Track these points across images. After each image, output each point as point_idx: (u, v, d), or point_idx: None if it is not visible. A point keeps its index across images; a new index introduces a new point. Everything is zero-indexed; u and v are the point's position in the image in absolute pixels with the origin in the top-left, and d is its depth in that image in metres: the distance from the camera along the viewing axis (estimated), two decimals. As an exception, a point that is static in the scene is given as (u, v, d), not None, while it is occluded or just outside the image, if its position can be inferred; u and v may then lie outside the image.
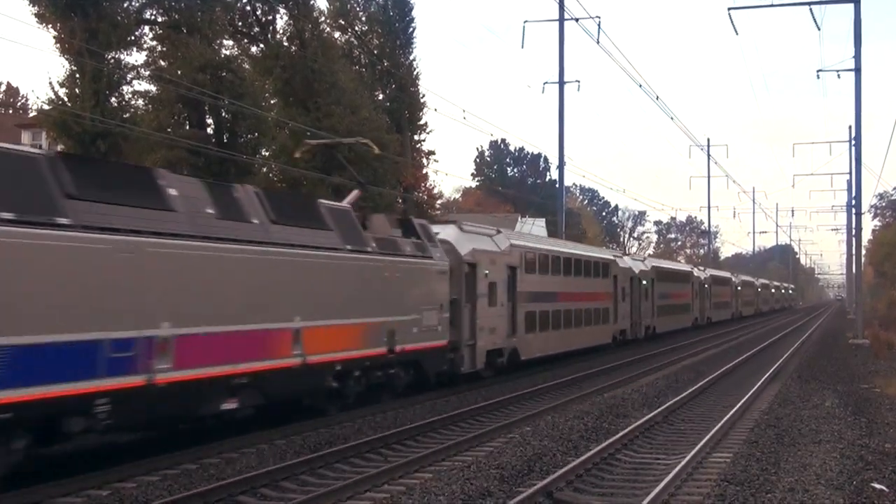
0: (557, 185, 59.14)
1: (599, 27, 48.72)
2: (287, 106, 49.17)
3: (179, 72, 41.90)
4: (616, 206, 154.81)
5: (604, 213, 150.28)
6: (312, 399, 20.81)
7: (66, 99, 38.73)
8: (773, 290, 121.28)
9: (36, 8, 38.50)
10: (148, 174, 16.74)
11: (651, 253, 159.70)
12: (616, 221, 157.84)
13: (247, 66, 47.87)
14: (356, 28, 62.60)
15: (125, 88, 41.73)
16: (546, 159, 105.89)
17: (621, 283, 46.08)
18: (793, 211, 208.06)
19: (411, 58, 63.37)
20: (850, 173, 78.61)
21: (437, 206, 71.67)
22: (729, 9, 48.05)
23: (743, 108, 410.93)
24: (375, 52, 61.72)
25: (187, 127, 44.75)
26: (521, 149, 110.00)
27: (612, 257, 46.84)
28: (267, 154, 49.78)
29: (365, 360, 21.75)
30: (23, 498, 13.44)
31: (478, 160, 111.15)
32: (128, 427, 16.39)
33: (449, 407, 23.47)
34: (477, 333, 28.38)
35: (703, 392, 27.70)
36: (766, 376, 31.14)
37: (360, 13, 63.15)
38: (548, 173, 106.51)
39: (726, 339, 58.06)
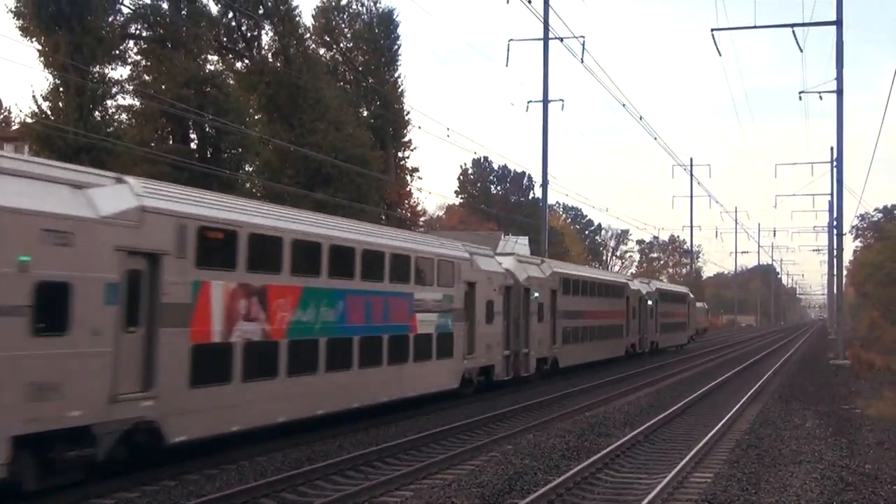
0: (541, 204, 59.27)
1: (584, 47, 48.70)
2: (271, 122, 49.21)
3: (164, 86, 41.89)
4: (599, 225, 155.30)
5: (587, 232, 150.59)
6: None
7: (49, 113, 38.64)
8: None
9: (20, 21, 38.48)
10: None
11: (633, 272, 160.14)
12: (599, 240, 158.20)
13: (231, 82, 47.91)
14: (341, 45, 62.75)
15: (109, 102, 41.74)
16: (529, 177, 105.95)
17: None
18: (774, 231, 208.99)
19: (396, 75, 63.64)
20: (832, 194, 79.23)
21: (421, 223, 71.68)
22: (712, 30, 48.38)
23: (726, 128, 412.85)
24: (360, 68, 61.86)
25: (171, 142, 44.70)
26: (505, 166, 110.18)
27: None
28: (250, 169, 49.76)
29: None
30: (-1, 514, 13.34)
31: (461, 178, 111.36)
32: None
33: (430, 425, 23.42)
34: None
35: (685, 411, 27.73)
36: (747, 395, 31.20)
37: (346, 30, 63.31)
38: (531, 191, 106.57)
39: (713, 356, 58.20)
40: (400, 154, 65.11)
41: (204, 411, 17.22)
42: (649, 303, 56.18)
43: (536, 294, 35.46)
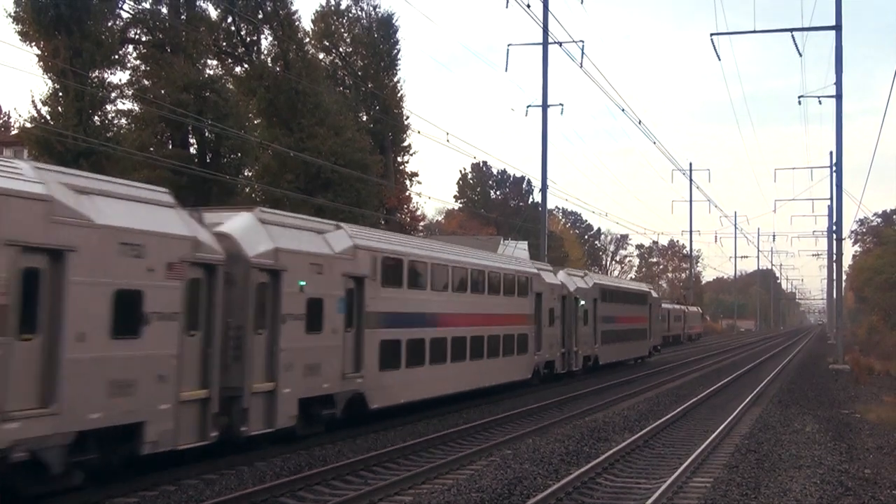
0: (540, 208, 59.28)
1: (583, 51, 48.70)
2: (270, 126, 49.21)
3: (163, 91, 41.89)
4: (599, 230, 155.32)
5: (586, 237, 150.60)
6: None
7: (48, 117, 38.64)
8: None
9: (20, 26, 38.50)
10: None
11: (633, 277, 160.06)
12: (598, 245, 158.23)
13: (231, 87, 47.92)
14: (341, 49, 62.82)
15: (108, 107, 41.74)
16: (529, 182, 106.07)
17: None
18: (774, 236, 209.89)
19: (395, 79, 63.64)
20: (831, 199, 79.30)
21: (420, 227, 71.73)
22: (711, 34, 48.54)
23: (725, 132, 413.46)
24: (360, 73, 61.89)
25: (170, 146, 44.70)
26: (504, 171, 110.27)
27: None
28: (250, 174, 49.76)
29: None
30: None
31: (461, 182, 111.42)
32: None
33: (429, 429, 23.41)
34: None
35: (685, 416, 27.71)
36: (746, 400, 31.19)
37: (345, 35, 63.37)
38: (530, 196, 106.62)
39: (713, 361, 58.11)
40: (399, 159, 65.15)
41: None
42: (582, 303, 41.81)
43: (303, 283, 20.27)
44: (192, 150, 45.95)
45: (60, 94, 38.65)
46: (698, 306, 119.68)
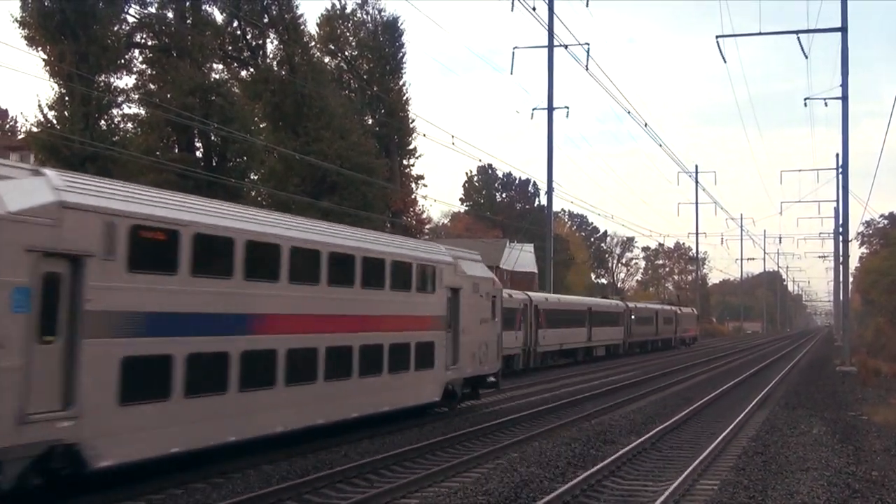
0: (546, 211, 59.25)
1: (588, 54, 48.74)
2: (276, 130, 49.28)
3: (169, 95, 41.96)
4: (605, 232, 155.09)
5: (592, 239, 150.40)
6: None
7: (55, 122, 38.74)
8: None
9: (26, 31, 38.61)
10: None
11: (640, 279, 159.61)
12: (604, 247, 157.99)
13: (236, 90, 47.99)
14: (346, 53, 62.87)
15: (114, 111, 41.85)
16: (535, 185, 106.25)
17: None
18: (780, 238, 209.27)
19: (401, 83, 63.69)
20: (838, 201, 79.19)
21: (426, 230, 71.72)
22: (717, 37, 48.56)
23: (731, 135, 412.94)
24: (365, 77, 61.94)
25: (176, 150, 44.76)
26: (510, 174, 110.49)
27: None
28: (256, 178, 49.82)
29: None
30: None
31: (466, 185, 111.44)
32: None
33: (437, 432, 23.36)
34: None
35: (691, 418, 27.65)
36: (753, 402, 31.12)
37: (351, 38, 63.43)
38: (536, 199, 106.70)
39: (719, 364, 57.93)
40: (405, 162, 65.19)
41: None
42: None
43: None
44: (198, 154, 46.06)
45: (67, 98, 38.77)
46: (694, 307, 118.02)
